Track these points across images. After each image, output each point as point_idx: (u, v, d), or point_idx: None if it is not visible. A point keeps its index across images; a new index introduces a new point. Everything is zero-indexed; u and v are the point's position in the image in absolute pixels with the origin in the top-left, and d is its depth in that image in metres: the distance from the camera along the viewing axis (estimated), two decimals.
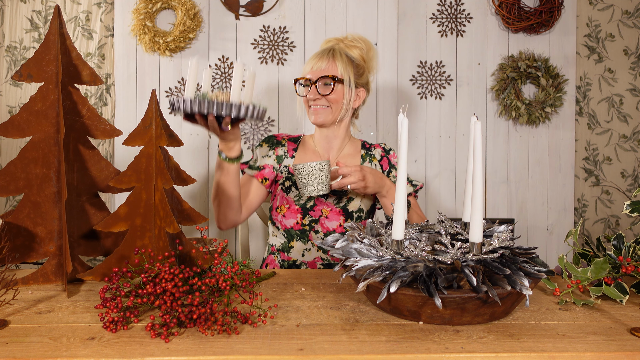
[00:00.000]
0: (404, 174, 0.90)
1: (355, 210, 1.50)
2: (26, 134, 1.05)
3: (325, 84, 1.46)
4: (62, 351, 0.73)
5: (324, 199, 1.50)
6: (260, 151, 1.57)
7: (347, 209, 1.50)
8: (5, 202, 2.18)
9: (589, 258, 1.10)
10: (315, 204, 1.50)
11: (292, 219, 1.51)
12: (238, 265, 0.92)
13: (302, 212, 1.50)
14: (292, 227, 1.51)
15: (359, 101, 1.53)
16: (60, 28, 1.06)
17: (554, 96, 2.28)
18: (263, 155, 1.56)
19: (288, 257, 1.52)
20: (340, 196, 1.50)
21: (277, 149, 1.56)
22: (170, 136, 1.03)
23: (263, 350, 0.73)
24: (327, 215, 1.50)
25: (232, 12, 2.23)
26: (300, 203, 1.50)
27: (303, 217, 1.50)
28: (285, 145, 1.58)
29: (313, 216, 1.50)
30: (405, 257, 0.88)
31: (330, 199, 1.50)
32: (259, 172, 1.53)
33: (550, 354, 0.73)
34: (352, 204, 1.50)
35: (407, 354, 0.73)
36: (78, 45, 2.17)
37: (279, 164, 1.55)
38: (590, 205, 2.39)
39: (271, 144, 1.58)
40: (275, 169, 1.54)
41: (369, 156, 1.58)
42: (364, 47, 1.54)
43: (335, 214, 1.50)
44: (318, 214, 1.50)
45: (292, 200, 1.51)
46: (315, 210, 1.50)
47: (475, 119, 0.91)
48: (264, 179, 1.53)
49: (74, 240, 1.12)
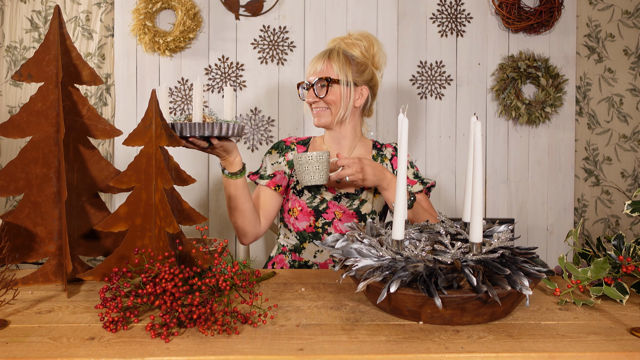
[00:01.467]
0: (404, 174, 0.90)
1: (368, 212, 1.50)
2: (26, 134, 1.05)
3: (321, 86, 1.46)
4: (62, 351, 0.73)
5: (336, 202, 1.49)
6: (270, 159, 1.56)
7: (360, 211, 1.49)
8: (5, 202, 2.18)
9: (589, 258, 1.10)
10: (328, 207, 1.50)
11: (305, 221, 1.50)
12: (238, 265, 0.92)
13: (314, 214, 1.50)
14: (305, 230, 1.51)
15: (362, 99, 1.51)
16: (60, 28, 1.06)
17: (554, 96, 2.28)
18: (273, 163, 1.55)
19: (300, 258, 1.52)
20: (353, 198, 1.49)
21: (287, 155, 1.56)
22: (170, 136, 1.03)
23: (263, 350, 0.73)
24: (340, 218, 1.49)
25: (232, 12, 2.23)
26: (313, 206, 1.50)
27: (316, 219, 1.50)
28: (295, 149, 1.57)
29: (326, 218, 1.50)
30: (405, 257, 0.88)
31: (343, 201, 1.50)
32: (270, 180, 1.52)
33: (550, 354, 0.73)
34: (365, 207, 1.50)
35: (407, 354, 0.73)
36: (78, 45, 2.17)
37: (291, 168, 1.54)
38: (590, 205, 2.39)
39: (280, 150, 1.57)
40: (286, 174, 1.54)
41: (380, 156, 1.57)
42: (364, 44, 1.53)
43: (348, 216, 1.49)
44: (331, 217, 1.49)
45: (305, 203, 1.50)
46: (328, 213, 1.50)
47: (475, 119, 0.91)
48: (277, 186, 1.52)
49: (74, 240, 1.12)
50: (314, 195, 1.50)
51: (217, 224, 2.27)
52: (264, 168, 1.56)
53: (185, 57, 2.22)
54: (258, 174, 1.56)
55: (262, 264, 2.25)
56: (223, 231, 2.29)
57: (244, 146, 2.27)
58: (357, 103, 1.51)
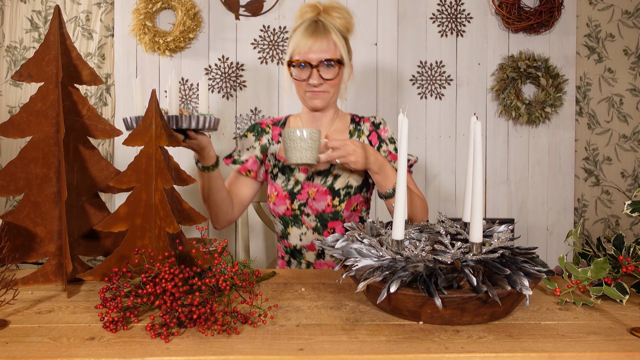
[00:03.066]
0: (404, 174, 0.90)
1: (343, 187, 1.44)
2: (26, 134, 1.05)
3: (327, 66, 1.37)
4: (62, 351, 0.73)
5: (310, 182, 1.45)
6: (246, 142, 1.53)
7: (333, 187, 1.43)
8: (5, 202, 2.18)
9: (589, 258, 1.10)
10: (302, 187, 1.45)
11: (282, 205, 1.47)
12: (238, 265, 0.92)
13: (289, 197, 1.46)
14: (285, 214, 1.48)
15: (350, 74, 1.46)
16: (60, 28, 1.06)
17: (554, 96, 2.28)
18: (248, 148, 1.53)
19: (288, 244, 1.51)
20: (326, 174, 1.44)
21: (261, 138, 1.53)
22: (170, 136, 1.03)
23: (263, 350, 0.73)
24: (314, 197, 1.44)
25: (232, 12, 2.23)
26: (288, 189, 1.45)
27: (292, 202, 1.46)
28: (270, 132, 1.54)
29: (301, 200, 1.45)
30: (405, 257, 0.88)
31: (317, 179, 1.44)
32: (241, 166, 1.51)
33: (550, 354, 0.73)
34: (339, 181, 1.44)
35: (407, 354, 0.73)
36: (78, 45, 2.17)
37: (264, 152, 1.52)
38: (590, 205, 2.39)
39: (256, 132, 1.54)
40: (258, 158, 1.51)
41: (358, 131, 1.51)
42: (346, 15, 1.45)
43: (322, 194, 1.44)
44: (305, 197, 1.45)
45: (280, 186, 1.47)
46: (302, 194, 1.45)
47: (475, 119, 0.91)
48: (248, 171, 1.50)
49: (74, 240, 1.12)
50: (288, 178, 1.46)
51: None
52: (238, 152, 1.53)
53: (185, 57, 2.22)
54: (232, 157, 1.53)
55: (262, 264, 2.25)
56: (223, 231, 2.29)
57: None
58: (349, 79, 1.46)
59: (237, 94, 2.26)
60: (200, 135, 1.29)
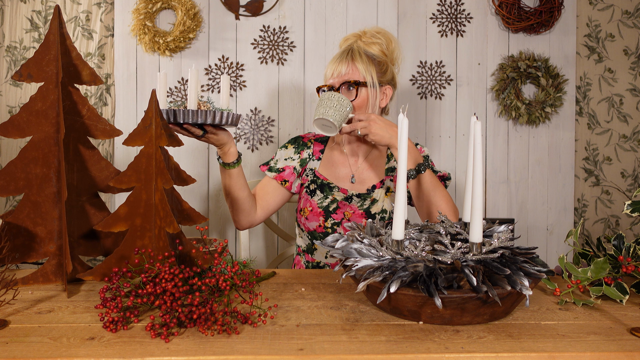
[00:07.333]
0: (404, 174, 0.90)
1: (379, 212, 1.46)
2: (26, 134, 1.05)
3: (348, 89, 1.41)
4: (62, 351, 0.73)
5: (347, 202, 1.46)
6: (285, 153, 1.54)
7: (369, 211, 1.46)
8: (5, 202, 2.18)
9: (589, 258, 1.10)
10: (338, 207, 1.47)
11: (315, 221, 1.48)
12: (238, 265, 0.92)
13: (324, 215, 1.47)
14: (315, 230, 1.49)
15: (386, 100, 1.48)
16: (60, 28, 1.06)
17: (554, 96, 2.28)
18: (286, 158, 1.53)
19: (312, 259, 1.51)
20: (364, 198, 1.46)
21: (302, 152, 1.54)
22: (170, 136, 1.03)
23: (263, 350, 0.73)
24: (349, 218, 1.46)
25: (232, 12, 2.23)
26: (324, 206, 1.47)
27: (325, 219, 1.47)
28: (312, 147, 1.55)
29: (335, 219, 1.47)
30: (405, 257, 0.88)
31: (355, 201, 1.46)
32: (278, 174, 1.51)
33: (550, 354, 0.73)
34: (376, 206, 1.46)
35: (407, 354, 0.73)
36: (78, 45, 2.17)
37: (303, 166, 1.53)
38: (590, 205, 2.39)
39: (297, 145, 1.55)
40: (296, 170, 1.52)
41: None
42: (383, 41, 1.48)
43: (358, 216, 1.46)
44: (340, 217, 1.46)
45: (316, 203, 1.48)
46: (337, 213, 1.47)
47: (475, 119, 0.91)
48: (284, 181, 1.51)
49: (74, 240, 1.12)
50: (326, 196, 1.48)
51: (217, 224, 2.27)
52: (275, 160, 1.54)
53: (185, 57, 2.22)
54: (268, 165, 1.55)
55: (262, 264, 2.25)
56: (223, 231, 2.29)
57: (244, 146, 2.27)
58: (382, 104, 1.47)
59: (237, 94, 2.26)
60: (221, 131, 1.29)
